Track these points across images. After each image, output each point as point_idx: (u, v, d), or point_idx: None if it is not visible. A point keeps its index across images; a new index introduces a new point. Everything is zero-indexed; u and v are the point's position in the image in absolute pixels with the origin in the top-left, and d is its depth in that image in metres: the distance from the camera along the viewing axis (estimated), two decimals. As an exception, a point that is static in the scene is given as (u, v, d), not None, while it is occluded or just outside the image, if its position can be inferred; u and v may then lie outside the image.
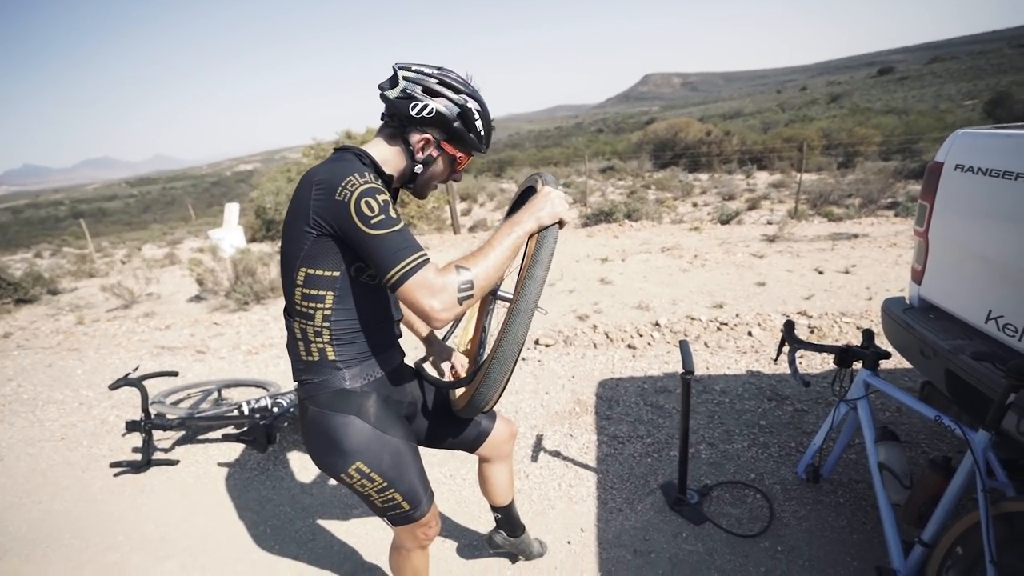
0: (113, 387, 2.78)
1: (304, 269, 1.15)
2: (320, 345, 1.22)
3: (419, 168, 1.25)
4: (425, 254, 1.08)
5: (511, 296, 1.39)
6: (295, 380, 1.29)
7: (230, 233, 10.42)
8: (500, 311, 1.82)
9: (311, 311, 1.19)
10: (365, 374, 1.28)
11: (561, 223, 1.20)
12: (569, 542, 2.07)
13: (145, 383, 2.86)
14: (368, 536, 2.21)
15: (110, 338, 5.38)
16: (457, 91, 1.20)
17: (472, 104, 1.21)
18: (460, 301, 1.07)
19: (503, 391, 1.28)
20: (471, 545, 2.11)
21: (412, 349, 2.87)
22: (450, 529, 2.19)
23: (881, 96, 54.80)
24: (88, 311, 6.68)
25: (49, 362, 4.78)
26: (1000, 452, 1.45)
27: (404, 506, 1.32)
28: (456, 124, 1.21)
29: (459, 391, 1.53)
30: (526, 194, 1.52)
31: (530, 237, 1.20)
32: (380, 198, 1.07)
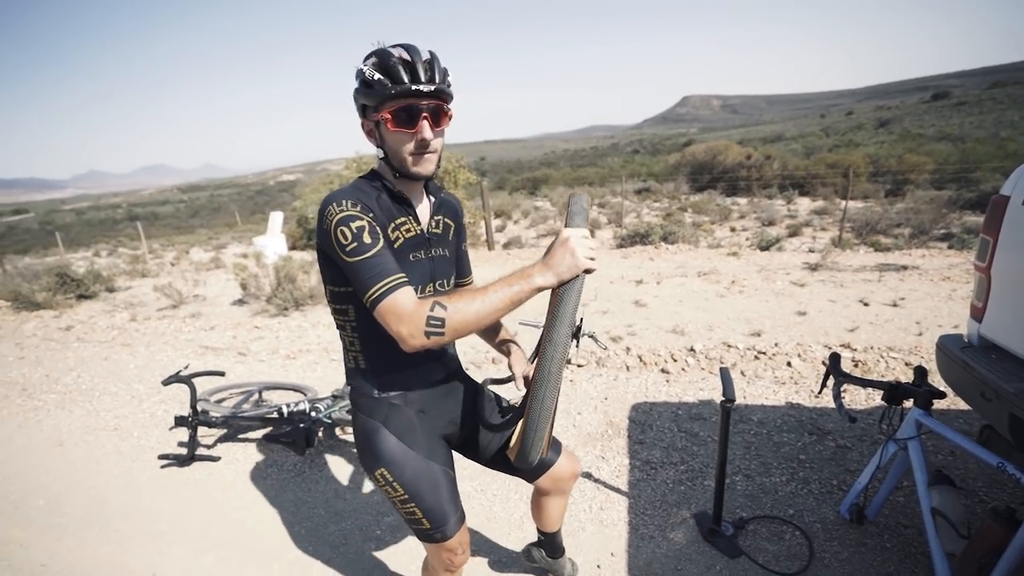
0: (166, 383, 2.92)
1: (329, 287, 1.23)
2: (354, 354, 1.29)
3: (381, 153, 1.20)
4: (398, 279, 1.07)
5: (539, 324, 1.38)
6: (347, 384, 1.37)
7: (273, 240, 10.86)
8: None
9: (343, 323, 1.26)
10: (394, 385, 1.30)
11: (588, 271, 1.07)
12: (599, 566, 2.04)
13: (193, 381, 3.00)
14: (399, 546, 2.24)
15: (159, 336, 5.67)
16: (359, 70, 1.14)
17: (366, 63, 1.13)
18: (427, 335, 1.04)
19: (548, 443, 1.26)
20: (499, 561, 2.10)
21: (461, 355, 2.86)
22: (478, 544, 2.19)
23: (935, 122, 52.69)
24: (140, 309, 7.06)
25: (105, 355, 5.07)
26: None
27: (424, 524, 1.31)
28: (359, 91, 1.15)
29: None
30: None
31: (553, 291, 1.08)
32: (354, 225, 1.08)
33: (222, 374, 3.25)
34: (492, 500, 2.48)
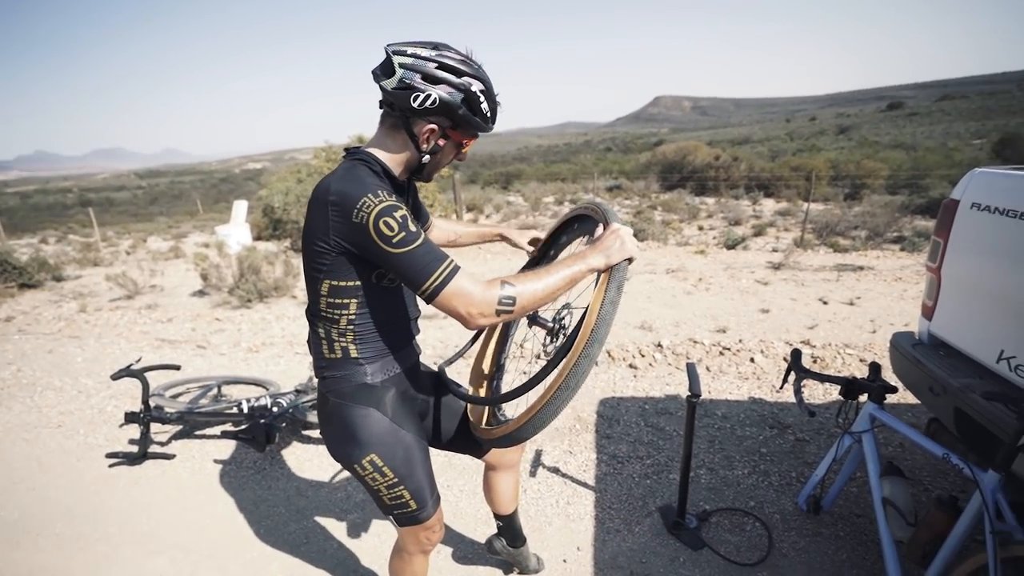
0: (115, 377, 2.77)
1: (328, 281, 1.17)
2: (344, 344, 1.24)
3: (426, 159, 1.22)
4: (452, 261, 1.09)
5: (550, 324, 1.38)
6: (317, 376, 1.31)
7: (237, 230, 10.48)
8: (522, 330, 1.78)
9: (336, 316, 1.21)
10: (385, 369, 1.31)
11: (630, 260, 1.19)
12: (565, 560, 2.05)
13: (146, 375, 2.85)
14: (362, 543, 2.19)
15: (111, 328, 5.38)
16: (459, 74, 1.13)
17: (476, 86, 1.14)
18: (498, 313, 1.08)
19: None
20: (465, 557, 2.08)
21: (430, 347, 2.83)
22: (445, 539, 2.16)
23: (890, 130, 55.25)
24: (91, 299, 6.69)
25: (50, 348, 4.77)
26: (1008, 494, 1.43)
27: (411, 505, 1.33)
28: (461, 111, 1.14)
29: (481, 416, 1.52)
30: (576, 222, 1.50)
31: (598, 280, 1.17)
32: (398, 215, 1.06)
33: (177, 368, 3.11)
34: (459, 496, 2.45)
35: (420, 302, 1.43)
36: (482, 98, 1.16)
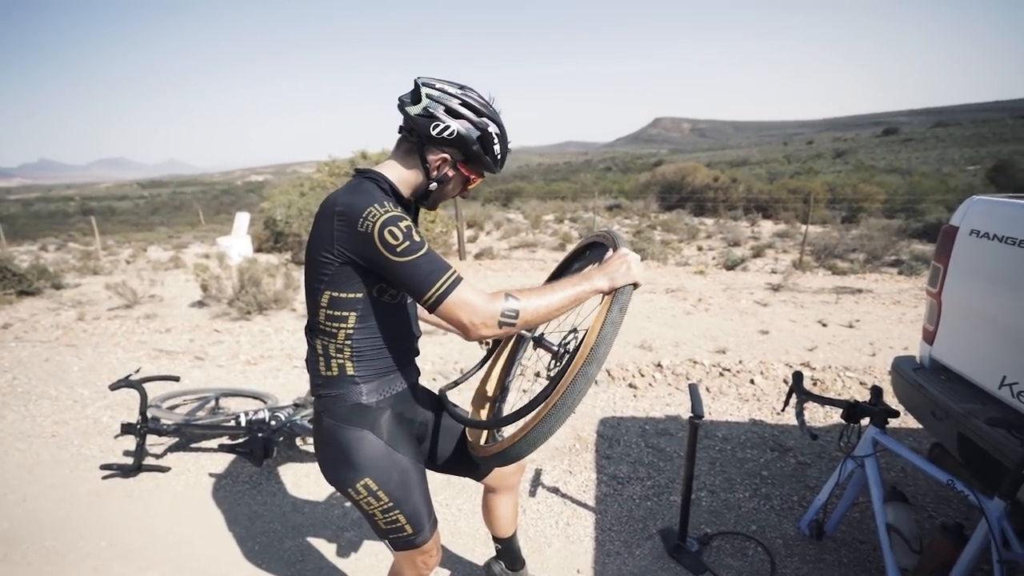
0: (113, 387, 2.75)
1: (328, 292, 1.18)
2: (340, 361, 1.23)
3: (433, 186, 1.26)
4: (455, 271, 1.10)
5: (555, 347, 1.38)
6: (313, 394, 1.30)
7: (238, 241, 10.51)
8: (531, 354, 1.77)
9: (334, 330, 1.21)
10: (382, 390, 1.29)
11: (635, 285, 1.21)
12: (565, 583, 2.01)
13: (145, 386, 2.83)
14: (359, 562, 2.15)
15: (109, 337, 5.35)
16: (479, 114, 1.21)
17: (492, 128, 1.22)
18: (500, 325, 1.08)
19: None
20: (464, 579, 2.05)
21: (429, 364, 2.79)
22: (443, 560, 2.12)
23: (885, 155, 56.04)
24: (89, 308, 6.66)
25: (46, 356, 4.74)
26: (1015, 522, 1.42)
27: (407, 529, 1.30)
28: (475, 147, 1.21)
29: (479, 436, 1.51)
30: (588, 250, 1.52)
31: (602, 301, 1.19)
32: (403, 225, 1.08)
33: (176, 379, 3.09)
34: (457, 515, 2.42)
35: (421, 323, 1.44)
36: (495, 140, 1.23)
